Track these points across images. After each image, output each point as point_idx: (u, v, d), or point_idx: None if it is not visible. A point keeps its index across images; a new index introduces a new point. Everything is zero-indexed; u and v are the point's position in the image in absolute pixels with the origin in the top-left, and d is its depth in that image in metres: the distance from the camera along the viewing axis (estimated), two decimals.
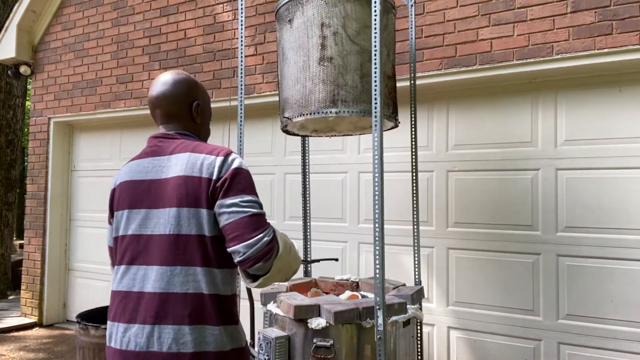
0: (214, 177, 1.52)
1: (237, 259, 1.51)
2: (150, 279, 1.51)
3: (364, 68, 2.45)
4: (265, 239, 1.52)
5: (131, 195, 1.59)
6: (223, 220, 1.51)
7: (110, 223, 1.70)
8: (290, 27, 2.56)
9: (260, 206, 1.58)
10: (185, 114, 1.68)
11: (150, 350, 1.47)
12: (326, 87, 2.43)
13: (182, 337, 1.47)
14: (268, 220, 1.67)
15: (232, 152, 1.60)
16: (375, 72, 2.31)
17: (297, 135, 2.96)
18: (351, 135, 3.10)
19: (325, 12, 2.44)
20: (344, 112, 2.42)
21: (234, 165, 1.55)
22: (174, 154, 1.58)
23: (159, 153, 1.61)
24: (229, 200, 1.51)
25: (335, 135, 3.05)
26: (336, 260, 3.01)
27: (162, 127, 1.68)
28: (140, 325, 1.49)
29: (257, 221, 1.53)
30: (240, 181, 1.55)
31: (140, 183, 1.59)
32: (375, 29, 2.33)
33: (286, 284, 2.95)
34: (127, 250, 1.57)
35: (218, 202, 1.51)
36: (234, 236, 1.50)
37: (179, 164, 1.55)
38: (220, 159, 1.55)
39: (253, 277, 1.60)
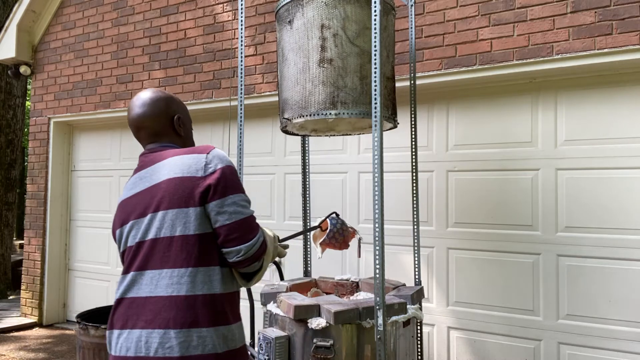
0: (201, 174, 1.52)
1: (235, 259, 1.53)
2: (140, 284, 1.51)
3: (364, 70, 2.46)
4: (261, 239, 1.59)
5: (124, 212, 1.62)
6: (222, 220, 1.51)
7: None
8: (290, 28, 2.56)
9: (250, 204, 1.62)
10: (169, 130, 1.71)
11: (139, 356, 1.46)
12: (326, 89, 2.43)
13: (168, 342, 1.45)
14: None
15: (215, 148, 1.61)
16: (375, 73, 2.32)
17: (297, 135, 2.96)
18: (350, 135, 3.10)
19: (326, 13, 2.44)
20: (343, 113, 2.42)
21: (225, 163, 1.56)
22: (159, 162, 1.60)
23: (145, 166, 1.64)
24: (229, 200, 1.52)
25: (334, 135, 3.06)
26: (308, 232, 2.79)
27: (149, 146, 1.70)
28: (131, 330, 1.49)
29: (254, 222, 1.59)
30: (233, 179, 1.56)
31: (132, 198, 1.61)
32: (375, 30, 2.33)
33: (286, 283, 2.95)
34: (125, 261, 1.60)
35: (216, 202, 1.51)
36: (235, 237, 1.52)
37: (165, 168, 1.56)
38: (205, 156, 1.55)
39: (246, 277, 1.65)
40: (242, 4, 2.90)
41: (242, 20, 2.89)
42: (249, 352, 2.69)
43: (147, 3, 5.04)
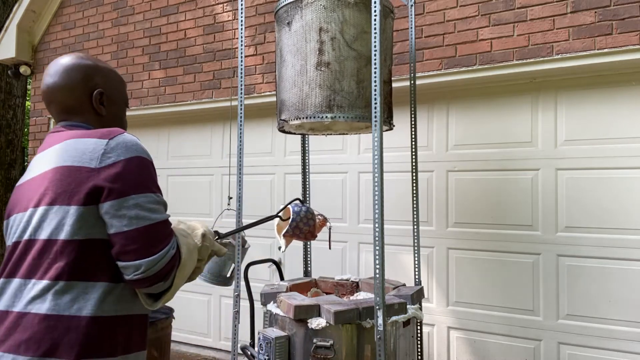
0: (95, 165, 1.19)
1: (132, 276, 1.20)
2: (4, 294, 1.22)
3: (361, 74, 2.46)
4: (171, 252, 1.25)
5: (12, 202, 1.34)
6: (118, 226, 1.19)
7: None
8: (289, 30, 2.56)
9: (165, 207, 1.30)
10: (86, 107, 1.37)
11: None
12: (322, 92, 2.44)
13: None
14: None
15: (124, 132, 1.27)
16: (375, 75, 2.32)
17: (294, 133, 2.97)
18: (347, 134, 3.10)
19: (324, 16, 2.44)
20: (339, 117, 2.43)
21: (132, 153, 1.22)
22: (56, 144, 1.27)
23: (45, 148, 1.32)
24: (130, 201, 1.20)
25: (331, 134, 3.06)
26: (264, 222, 2.23)
27: (58, 125, 1.38)
28: None
29: (164, 229, 1.26)
30: (140, 174, 1.22)
31: (24, 185, 1.32)
32: (375, 33, 2.33)
33: (286, 283, 2.95)
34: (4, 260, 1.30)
35: (112, 202, 1.19)
36: (133, 248, 1.19)
37: (56, 154, 1.24)
38: (105, 142, 1.22)
39: (152, 296, 1.32)
40: (242, 4, 2.90)
41: (242, 20, 2.89)
42: (249, 352, 2.69)
43: (147, 3, 5.04)
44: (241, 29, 2.89)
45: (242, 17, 2.89)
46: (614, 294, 3.15)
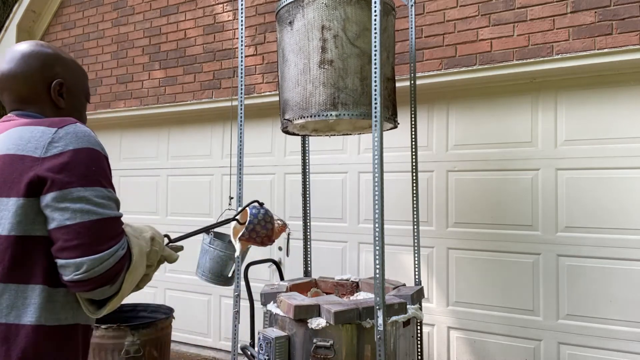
0: (39, 155, 1.08)
1: (71, 276, 1.06)
2: None
3: (364, 71, 2.46)
4: (120, 252, 1.12)
5: None
6: (60, 219, 1.06)
7: None
8: (291, 29, 2.56)
9: (117, 204, 1.17)
10: (43, 97, 1.26)
11: None
12: (326, 90, 2.44)
13: None
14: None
15: (76, 122, 1.17)
16: (375, 74, 2.32)
17: (297, 135, 2.97)
18: (350, 134, 3.10)
19: (326, 15, 2.44)
20: (344, 115, 2.43)
21: (81, 144, 1.11)
22: (5, 132, 1.17)
23: None
24: (75, 193, 1.07)
25: (334, 135, 3.06)
26: (218, 227, 2.11)
27: (10, 114, 1.27)
28: None
29: (114, 227, 1.12)
30: (88, 166, 1.10)
31: None
32: (375, 31, 2.33)
33: (286, 283, 2.95)
34: None
35: (54, 194, 1.06)
36: (75, 244, 1.06)
37: (3, 141, 1.14)
38: (54, 131, 1.11)
39: (96, 302, 1.17)
40: (242, 4, 2.90)
41: (242, 20, 2.89)
42: (249, 352, 2.69)
43: (147, 3, 5.04)
44: (241, 29, 2.89)
45: (242, 17, 2.89)
46: (614, 294, 3.15)
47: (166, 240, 1.46)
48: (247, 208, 2.13)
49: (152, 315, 3.69)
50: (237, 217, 2.15)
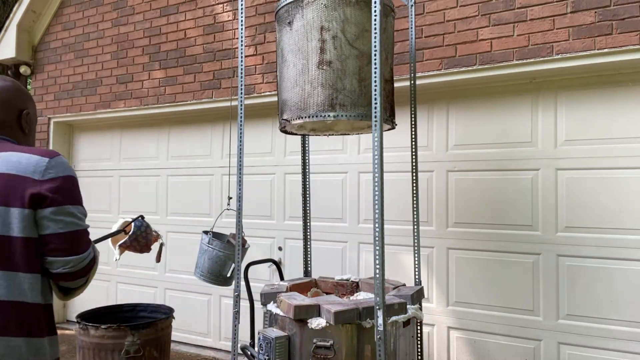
0: (38, 178, 1.44)
1: (60, 269, 1.47)
2: None
3: (363, 72, 2.46)
4: (91, 255, 1.56)
5: None
6: (55, 228, 1.45)
7: None
8: (290, 29, 2.56)
9: (86, 218, 1.57)
10: (14, 124, 1.60)
11: None
12: (325, 91, 2.44)
13: None
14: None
15: (59, 154, 1.54)
16: (375, 74, 2.32)
17: (295, 134, 2.97)
18: (348, 134, 3.10)
19: (325, 15, 2.44)
20: (342, 116, 2.43)
21: (68, 172, 1.51)
22: None
23: None
24: (67, 209, 1.47)
25: (332, 134, 3.06)
26: (114, 235, 2.77)
27: None
28: None
29: (87, 236, 1.56)
30: (73, 190, 1.51)
31: None
32: (375, 31, 2.33)
33: (286, 283, 2.95)
34: None
35: (52, 209, 1.44)
36: (66, 247, 1.46)
37: None
38: (47, 160, 1.48)
39: (64, 290, 1.58)
40: (242, 4, 2.90)
41: (242, 20, 2.89)
42: (249, 352, 2.69)
43: (147, 3, 5.04)
44: (241, 29, 2.89)
45: (242, 17, 2.89)
46: (614, 294, 3.15)
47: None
48: (133, 222, 2.64)
49: (152, 315, 3.69)
50: (124, 229, 2.65)
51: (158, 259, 2.86)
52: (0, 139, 1.56)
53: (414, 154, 3.06)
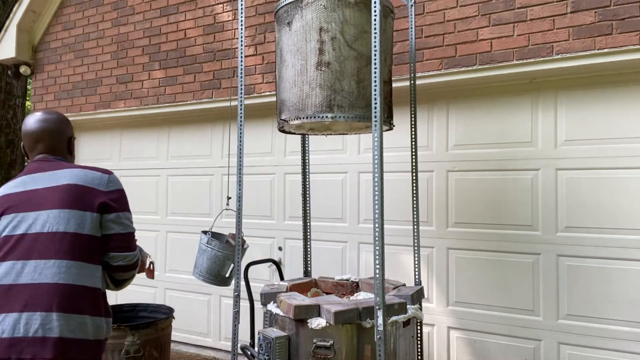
0: (103, 189, 1.82)
1: (121, 262, 1.84)
2: (21, 273, 1.67)
3: (361, 73, 2.46)
4: (138, 251, 1.96)
5: (5, 205, 1.79)
6: (118, 229, 1.83)
7: None
8: (289, 30, 2.56)
9: None
10: (64, 148, 1.99)
11: (16, 337, 1.60)
12: (323, 92, 2.44)
13: (49, 323, 1.62)
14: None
15: (112, 172, 1.93)
16: (375, 74, 2.32)
17: (294, 133, 2.97)
18: (347, 134, 3.10)
19: (324, 16, 2.44)
20: (340, 117, 2.43)
21: (121, 186, 1.91)
22: (60, 169, 1.85)
23: (42, 170, 1.86)
24: (125, 215, 1.86)
25: (330, 134, 3.06)
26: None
27: (44, 156, 1.93)
28: (7, 314, 1.63)
29: (135, 236, 1.94)
30: (126, 200, 1.91)
31: (21, 194, 1.80)
32: (375, 32, 2.33)
33: (286, 283, 2.96)
34: (2, 249, 1.74)
35: (116, 214, 1.83)
36: (126, 244, 1.85)
37: (67, 175, 1.82)
38: (107, 176, 1.88)
39: (115, 282, 1.92)
40: (242, 4, 2.90)
41: (242, 20, 2.89)
42: (249, 352, 2.69)
43: (147, 3, 5.04)
44: (241, 29, 2.89)
45: (242, 17, 2.89)
46: (614, 294, 3.15)
47: None
48: None
49: (152, 315, 3.69)
50: None
51: (152, 276, 2.79)
52: (57, 159, 1.94)
53: (414, 154, 3.06)
